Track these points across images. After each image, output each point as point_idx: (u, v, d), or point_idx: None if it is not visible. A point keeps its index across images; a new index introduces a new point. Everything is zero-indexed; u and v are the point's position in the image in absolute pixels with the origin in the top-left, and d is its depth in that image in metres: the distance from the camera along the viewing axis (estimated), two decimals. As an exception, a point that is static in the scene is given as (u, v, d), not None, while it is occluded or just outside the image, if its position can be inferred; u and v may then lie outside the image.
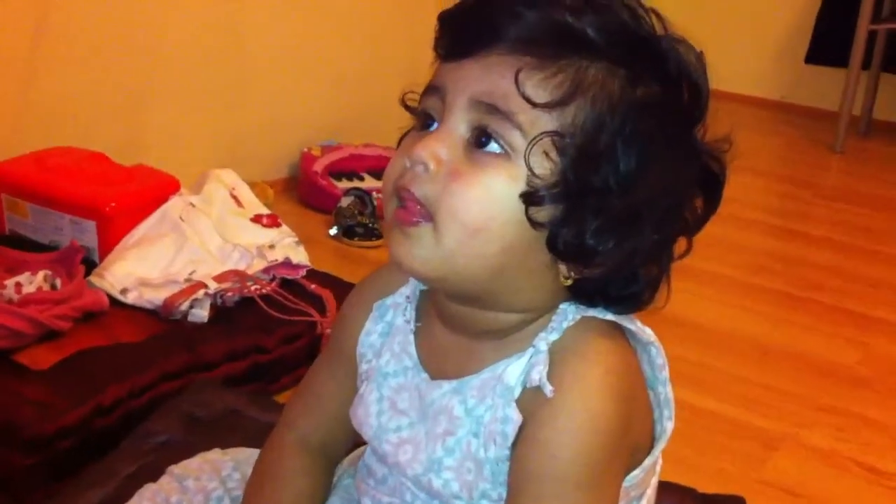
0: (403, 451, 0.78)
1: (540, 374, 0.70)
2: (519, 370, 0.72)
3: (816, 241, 2.56)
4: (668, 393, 0.78)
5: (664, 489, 0.83)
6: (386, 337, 0.82)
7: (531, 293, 0.73)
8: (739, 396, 1.70)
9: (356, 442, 0.89)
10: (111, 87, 2.07)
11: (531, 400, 0.71)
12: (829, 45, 3.51)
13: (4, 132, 1.88)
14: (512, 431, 0.72)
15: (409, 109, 0.77)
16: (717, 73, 0.73)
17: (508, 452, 0.72)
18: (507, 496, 0.72)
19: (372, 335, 0.83)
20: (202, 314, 1.56)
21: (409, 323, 0.81)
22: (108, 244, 1.68)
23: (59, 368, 1.36)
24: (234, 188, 1.88)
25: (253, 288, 1.63)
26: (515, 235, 0.69)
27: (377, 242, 2.22)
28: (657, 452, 0.78)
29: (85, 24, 1.98)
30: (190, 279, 1.60)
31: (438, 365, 0.78)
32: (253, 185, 2.00)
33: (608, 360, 0.71)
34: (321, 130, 2.61)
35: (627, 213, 0.68)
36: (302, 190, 2.50)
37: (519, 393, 0.72)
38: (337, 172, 2.51)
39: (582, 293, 0.73)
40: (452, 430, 0.75)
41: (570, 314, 0.73)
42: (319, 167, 2.48)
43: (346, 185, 2.44)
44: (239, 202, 1.86)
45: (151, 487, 0.94)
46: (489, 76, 0.69)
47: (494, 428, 0.73)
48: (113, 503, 1.05)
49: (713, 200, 0.74)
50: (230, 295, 1.61)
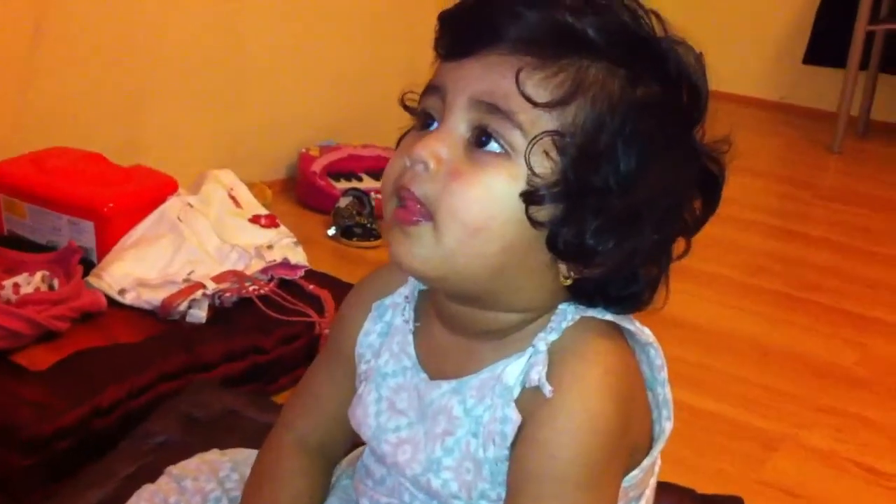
0: (402, 451, 0.78)
1: (539, 374, 0.70)
2: (518, 370, 0.72)
3: (815, 241, 2.56)
4: (666, 393, 0.78)
5: (663, 490, 0.83)
6: (385, 337, 0.82)
7: (531, 293, 0.73)
8: (738, 397, 1.70)
9: (355, 442, 0.89)
10: (110, 87, 2.07)
11: (530, 400, 0.71)
12: (827, 45, 3.51)
13: (3, 132, 1.88)
14: (511, 431, 0.72)
15: (408, 110, 0.77)
16: (715, 73, 0.73)
17: (507, 452, 0.72)
18: (506, 496, 0.72)
19: (371, 335, 0.83)
20: (200, 315, 1.56)
21: (408, 323, 0.81)
22: (106, 245, 1.67)
23: (57, 369, 1.36)
24: (232, 188, 1.88)
25: (251, 288, 1.63)
26: (515, 235, 0.69)
27: (375, 243, 2.22)
28: (656, 453, 0.78)
29: (84, 24, 1.98)
30: (188, 280, 1.60)
31: (437, 365, 0.78)
32: (251, 185, 2.00)
33: (607, 360, 0.71)
34: (319, 131, 2.60)
35: (627, 212, 0.68)
36: (300, 190, 2.50)
37: (518, 393, 0.72)
38: (335, 173, 2.51)
39: (581, 293, 0.73)
40: (451, 430, 0.75)
41: (569, 314, 0.73)
42: (318, 167, 2.48)
43: (344, 185, 2.44)
44: (237, 203, 1.86)
45: (150, 488, 0.94)
46: (490, 75, 0.69)
47: (493, 428, 0.73)
48: (111, 504, 1.06)
49: (712, 201, 0.74)
50: (228, 295, 1.60)
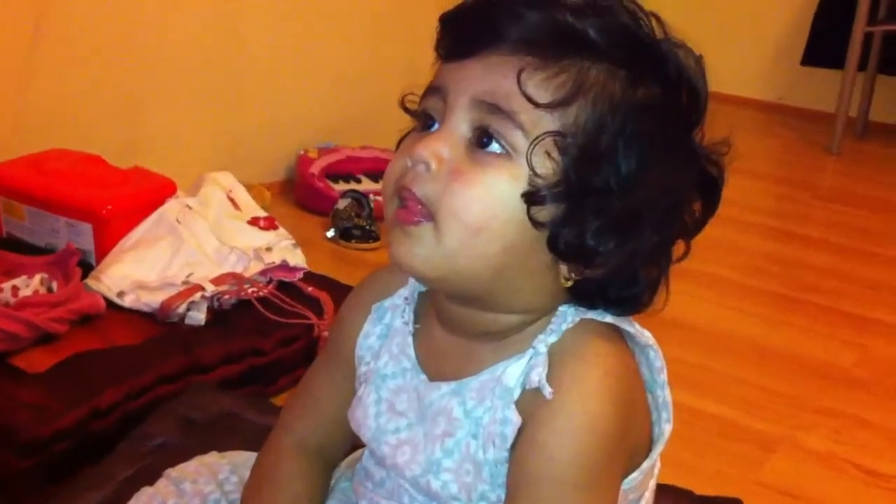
0: (402, 452, 0.78)
1: (539, 375, 0.70)
2: (518, 372, 0.72)
3: (813, 242, 2.56)
4: (666, 396, 0.78)
5: (661, 491, 0.83)
6: (384, 339, 0.82)
7: (531, 294, 0.73)
8: (737, 398, 1.70)
9: (354, 445, 0.89)
10: (109, 88, 2.07)
11: (530, 402, 0.71)
12: (825, 46, 3.51)
13: (2, 133, 1.88)
14: (511, 433, 0.71)
15: (409, 112, 0.77)
16: (714, 74, 0.73)
17: (507, 454, 0.72)
18: (505, 498, 0.72)
19: (370, 337, 0.83)
20: (199, 317, 1.56)
21: (407, 325, 0.81)
22: (104, 247, 1.67)
23: (55, 371, 1.35)
24: (230, 191, 1.88)
25: (250, 290, 1.63)
26: (516, 235, 0.69)
27: (374, 245, 2.22)
28: (655, 455, 0.78)
29: (83, 25, 1.97)
30: (187, 282, 1.60)
31: (437, 366, 0.78)
32: (250, 187, 2.00)
33: (607, 362, 0.71)
34: (318, 132, 2.60)
35: (628, 213, 0.68)
36: (299, 192, 2.49)
37: (518, 394, 0.72)
38: (334, 174, 2.51)
39: (582, 294, 0.73)
40: (451, 431, 0.75)
41: (569, 316, 0.73)
42: (316, 169, 2.47)
43: (343, 187, 2.44)
44: (236, 205, 1.86)
45: (148, 491, 0.94)
46: (491, 76, 0.69)
47: (493, 429, 0.73)
48: (110, 506, 1.05)
49: (712, 203, 0.74)
50: (227, 297, 1.60)
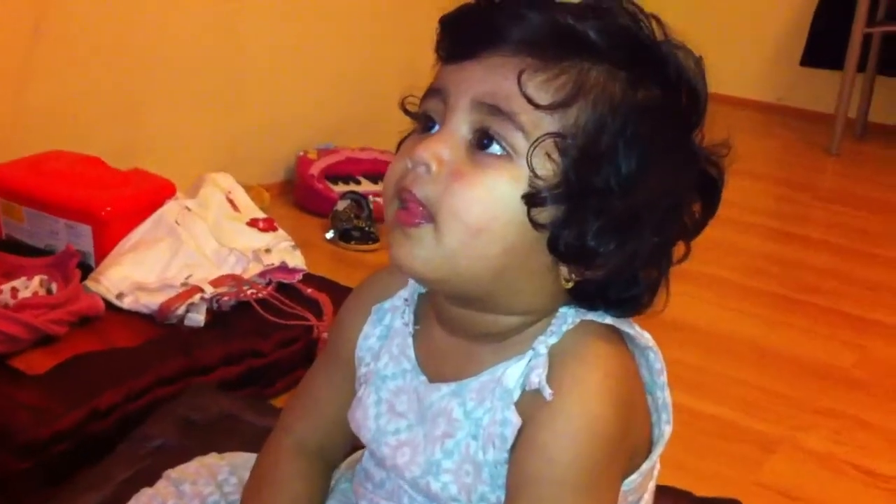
0: (401, 453, 0.78)
1: (539, 377, 0.70)
2: (518, 373, 0.72)
3: (813, 243, 2.56)
4: (665, 397, 0.78)
5: (661, 492, 0.83)
6: (384, 340, 0.82)
7: (531, 295, 0.73)
8: (736, 399, 1.70)
9: (354, 446, 0.89)
10: (108, 90, 2.07)
11: (530, 403, 0.71)
12: (824, 47, 3.51)
13: (1, 135, 1.88)
14: (511, 434, 0.71)
15: (409, 114, 0.77)
16: (713, 76, 0.73)
17: (507, 455, 0.72)
18: (505, 499, 0.72)
19: (370, 338, 0.83)
20: (198, 318, 1.56)
21: (407, 326, 0.81)
22: (103, 248, 1.67)
23: (54, 373, 1.35)
24: (230, 192, 1.88)
25: (249, 292, 1.63)
26: (517, 236, 0.69)
27: (374, 246, 2.22)
28: (655, 457, 0.78)
29: (82, 26, 1.97)
30: (186, 283, 1.60)
31: (437, 367, 0.78)
32: (249, 188, 2.00)
33: (607, 364, 0.71)
34: (317, 134, 2.60)
35: (628, 214, 0.68)
36: (298, 194, 2.49)
37: (518, 396, 0.72)
38: (333, 176, 2.51)
39: (582, 296, 0.73)
40: (451, 432, 0.75)
41: (569, 317, 0.73)
42: (316, 171, 2.47)
43: (342, 188, 2.44)
44: (235, 206, 1.86)
45: (148, 492, 0.94)
46: (492, 77, 0.69)
47: (493, 430, 0.73)
48: (109, 508, 1.05)
49: (711, 205, 0.74)
50: (226, 299, 1.60)
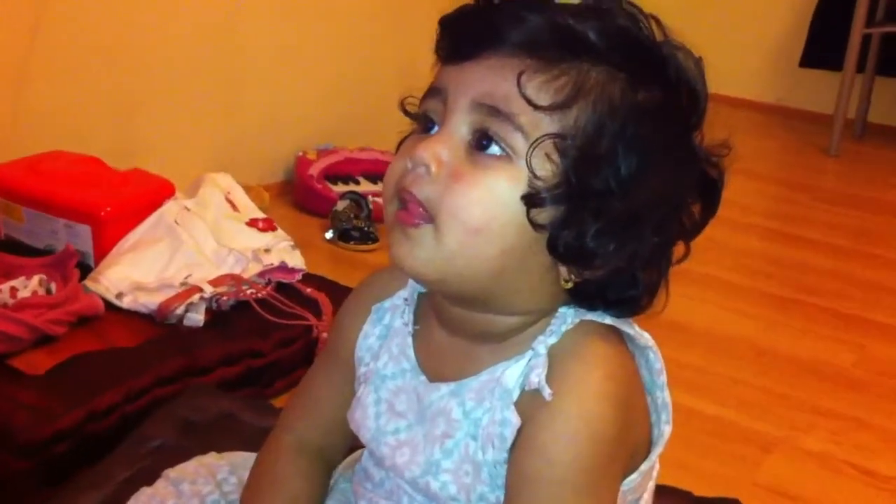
0: (401, 453, 0.78)
1: (538, 377, 0.70)
2: (518, 373, 0.72)
3: (812, 244, 2.56)
4: (665, 397, 0.78)
5: (660, 492, 0.83)
6: (384, 339, 0.82)
7: (530, 295, 0.73)
8: (736, 399, 1.70)
9: (353, 446, 0.89)
10: (107, 90, 2.06)
11: (529, 403, 0.71)
12: (823, 48, 3.51)
13: (0, 135, 1.88)
14: (510, 434, 0.71)
15: (408, 114, 0.77)
16: (713, 76, 0.73)
17: (506, 455, 0.72)
18: (504, 499, 0.72)
19: (370, 338, 0.83)
20: (198, 318, 1.56)
21: (407, 325, 0.81)
22: (103, 248, 1.67)
23: (54, 373, 1.35)
24: (229, 192, 1.88)
25: (248, 292, 1.63)
26: (516, 237, 0.69)
27: (373, 246, 2.22)
28: (654, 457, 0.78)
29: (81, 26, 1.97)
30: (185, 283, 1.60)
31: (437, 367, 0.78)
32: (248, 188, 2.00)
33: (607, 364, 0.71)
34: (317, 134, 2.60)
35: (628, 215, 0.68)
36: (297, 194, 2.49)
37: (517, 396, 0.72)
38: (333, 176, 2.51)
39: (582, 296, 0.73)
40: (450, 432, 0.75)
41: (568, 318, 0.73)
42: (315, 171, 2.48)
43: (341, 188, 2.44)
44: (234, 206, 1.86)
45: (147, 492, 0.94)
46: (491, 78, 0.69)
47: (493, 430, 0.73)
48: (109, 508, 1.05)
49: (711, 205, 0.74)
50: (226, 299, 1.60)
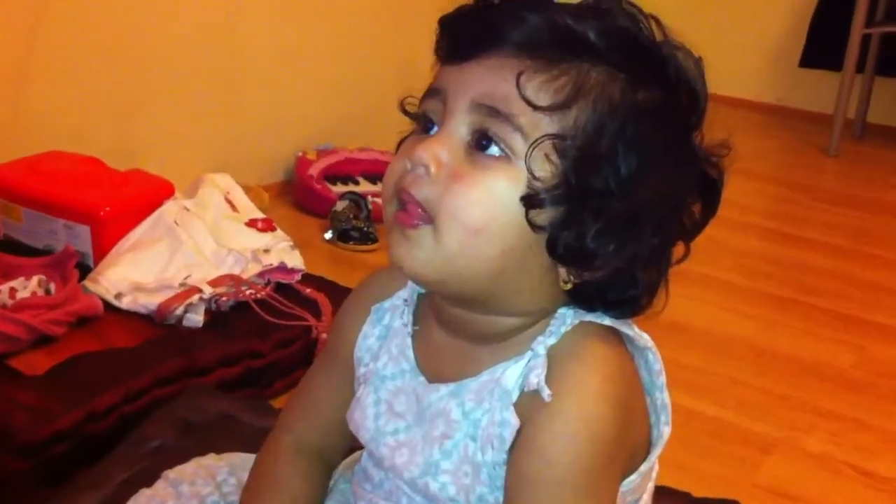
0: (400, 454, 0.78)
1: (538, 377, 0.70)
2: (517, 374, 0.72)
3: (812, 244, 2.56)
4: (664, 398, 0.78)
5: (659, 493, 0.83)
6: (383, 340, 0.82)
7: (530, 296, 0.73)
8: (735, 400, 1.70)
9: (353, 446, 0.89)
10: (107, 90, 2.07)
11: (529, 404, 0.71)
12: (823, 48, 3.51)
13: (0, 135, 1.87)
14: (509, 435, 0.71)
15: (408, 114, 0.77)
16: (713, 76, 0.73)
17: (506, 456, 0.72)
18: (503, 500, 0.72)
19: (369, 338, 0.83)
20: (197, 319, 1.56)
21: (406, 326, 0.81)
22: (102, 249, 1.67)
23: (53, 373, 1.35)
24: (228, 192, 1.88)
25: (248, 292, 1.63)
26: (515, 237, 0.69)
27: (372, 246, 2.22)
28: (654, 458, 0.78)
29: (81, 26, 1.97)
30: (185, 284, 1.60)
31: (436, 368, 0.78)
32: (248, 189, 2.00)
33: (606, 365, 0.71)
34: (316, 134, 2.60)
35: (627, 216, 0.68)
36: (297, 194, 2.49)
37: (517, 397, 0.72)
38: (332, 176, 2.51)
39: (581, 297, 0.73)
40: (450, 433, 0.75)
41: (568, 318, 0.73)
42: (315, 171, 2.48)
43: (341, 188, 2.44)
44: (234, 206, 1.86)
45: (146, 493, 0.94)
46: (491, 78, 0.69)
47: (492, 431, 0.73)
48: (107, 508, 1.05)
49: (711, 206, 0.74)
50: (225, 299, 1.60)
